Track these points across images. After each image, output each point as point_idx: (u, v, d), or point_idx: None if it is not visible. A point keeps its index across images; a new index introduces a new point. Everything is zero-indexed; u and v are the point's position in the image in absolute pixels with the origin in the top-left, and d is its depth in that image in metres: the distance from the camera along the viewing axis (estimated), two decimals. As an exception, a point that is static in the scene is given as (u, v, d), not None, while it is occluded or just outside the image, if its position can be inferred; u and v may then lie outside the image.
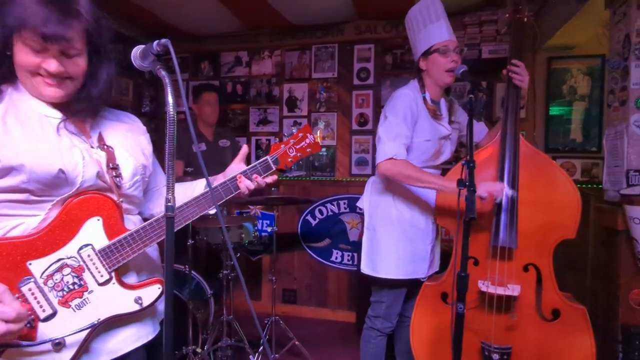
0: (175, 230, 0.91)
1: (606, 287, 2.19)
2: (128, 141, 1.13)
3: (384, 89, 3.49)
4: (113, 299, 1.01)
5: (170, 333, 0.86)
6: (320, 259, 3.64)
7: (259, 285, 3.78)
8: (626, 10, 2.05)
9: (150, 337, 1.12)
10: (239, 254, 2.93)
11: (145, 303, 1.04)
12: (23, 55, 0.93)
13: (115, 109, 1.20)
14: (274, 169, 1.28)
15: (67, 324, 0.96)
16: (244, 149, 1.30)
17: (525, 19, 1.89)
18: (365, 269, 1.99)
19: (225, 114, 3.83)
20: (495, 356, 1.73)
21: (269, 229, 2.90)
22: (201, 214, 1.13)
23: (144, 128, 1.23)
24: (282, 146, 1.32)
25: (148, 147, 1.19)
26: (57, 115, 1.01)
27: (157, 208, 1.26)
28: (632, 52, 2.01)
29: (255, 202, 3.43)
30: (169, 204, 0.87)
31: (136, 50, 1.00)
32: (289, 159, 1.32)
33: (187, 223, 1.10)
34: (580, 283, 2.80)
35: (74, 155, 0.98)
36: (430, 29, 1.87)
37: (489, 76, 3.19)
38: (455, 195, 1.77)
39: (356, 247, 3.52)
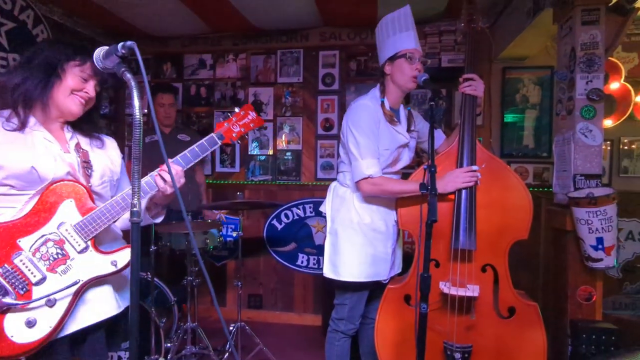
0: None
1: (556, 284, 2.33)
2: (100, 151, 1.39)
3: (349, 94, 3.55)
4: (92, 264, 1.25)
5: (136, 339, 0.86)
6: (286, 263, 3.64)
7: (223, 291, 3.73)
8: (571, 25, 2.20)
9: (113, 313, 1.33)
10: (202, 260, 2.87)
11: (120, 265, 1.27)
12: (76, 81, 1.27)
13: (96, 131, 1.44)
14: (219, 143, 1.44)
15: (57, 286, 1.20)
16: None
17: (479, 29, 1.99)
18: (327, 272, 2.02)
19: (189, 117, 3.76)
20: (457, 355, 1.80)
21: (234, 234, 2.87)
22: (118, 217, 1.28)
23: (117, 146, 1.48)
24: (225, 124, 1.47)
25: (117, 159, 1.45)
26: (41, 129, 1.28)
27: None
28: (577, 65, 2.16)
29: (220, 206, 3.39)
30: (135, 209, 0.86)
31: (99, 52, 0.99)
32: (234, 134, 1.47)
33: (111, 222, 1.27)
34: (532, 281, 2.96)
35: (47, 158, 1.24)
36: (399, 37, 1.94)
37: (448, 84, 3.31)
38: (416, 200, 1.85)
39: (322, 250, 3.52)
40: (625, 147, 3.34)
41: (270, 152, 3.67)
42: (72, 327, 1.23)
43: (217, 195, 3.71)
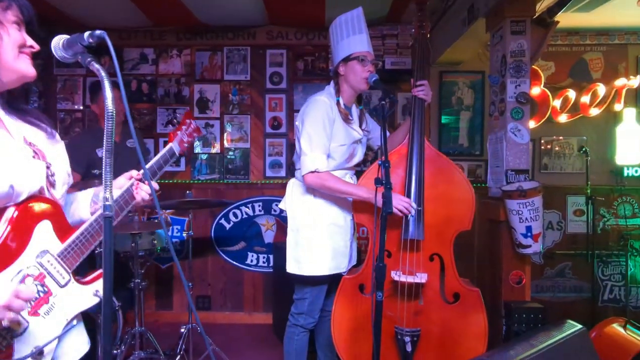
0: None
1: (491, 270, 2.55)
2: (52, 147, 1.08)
3: (297, 93, 3.60)
4: (76, 297, 1.04)
5: (109, 338, 0.84)
6: (235, 263, 3.60)
7: (169, 294, 3.61)
8: (502, 34, 2.43)
9: (87, 347, 1.12)
10: (149, 263, 2.77)
11: (102, 294, 1.05)
12: (15, 33, 0.96)
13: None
14: (177, 155, 1.39)
15: (41, 332, 0.96)
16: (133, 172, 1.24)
17: (428, 35, 2.14)
18: (290, 268, 2.06)
19: (130, 114, 3.58)
20: (407, 338, 1.92)
21: (184, 234, 2.80)
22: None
23: (56, 132, 1.15)
24: (178, 133, 1.43)
25: (64, 153, 1.13)
26: None
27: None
28: (507, 71, 2.39)
29: (166, 206, 3.28)
30: (107, 203, 0.84)
31: (58, 40, 0.95)
32: (185, 145, 1.44)
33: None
34: (468, 269, 3.20)
35: (21, 168, 0.94)
36: (353, 39, 2.01)
37: (391, 86, 3.49)
38: (370, 195, 1.94)
39: (271, 249, 3.56)
40: (545, 146, 3.72)
41: (217, 150, 3.61)
42: None
43: (162, 195, 3.57)
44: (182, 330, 2.59)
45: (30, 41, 1.00)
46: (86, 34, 0.89)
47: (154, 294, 3.56)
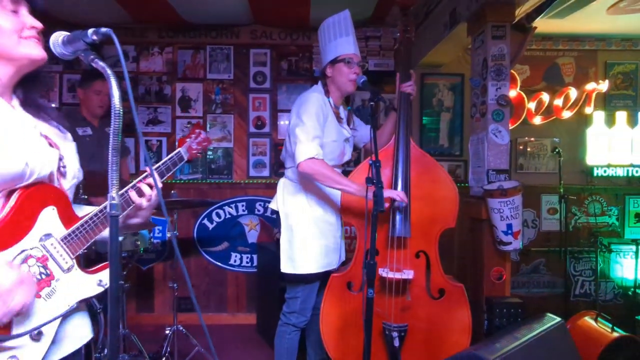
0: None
1: (472, 267, 2.63)
2: (63, 140, 1.09)
3: (280, 93, 3.61)
4: (78, 284, 1.05)
5: (117, 335, 0.84)
6: (218, 264, 3.58)
7: (151, 296, 3.54)
8: (483, 38, 2.51)
9: (90, 335, 1.13)
10: (130, 264, 2.72)
11: (107, 284, 1.08)
12: (4, 21, 0.91)
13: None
14: (185, 159, 1.38)
15: (41, 314, 0.97)
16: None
17: (413, 38, 2.19)
18: (285, 268, 2.05)
19: (109, 112, 3.51)
20: (395, 334, 1.96)
21: (168, 234, 2.76)
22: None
23: (67, 132, 1.15)
24: (187, 140, 1.44)
25: (75, 153, 1.14)
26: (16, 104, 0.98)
27: None
28: (488, 74, 2.47)
29: (147, 206, 3.22)
30: (113, 202, 0.84)
31: (58, 36, 0.93)
32: (193, 152, 1.45)
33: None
34: (449, 266, 3.29)
35: (35, 149, 0.95)
36: (340, 42, 2.05)
37: (373, 87, 3.53)
38: (360, 191, 1.96)
39: (255, 248, 3.56)
40: (520, 147, 3.86)
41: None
42: (53, 358, 1.01)
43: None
44: (167, 332, 2.56)
45: (31, 22, 0.95)
46: (90, 31, 0.89)
47: (134, 296, 3.49)
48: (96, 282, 1.07)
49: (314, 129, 1.93)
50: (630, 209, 3.75)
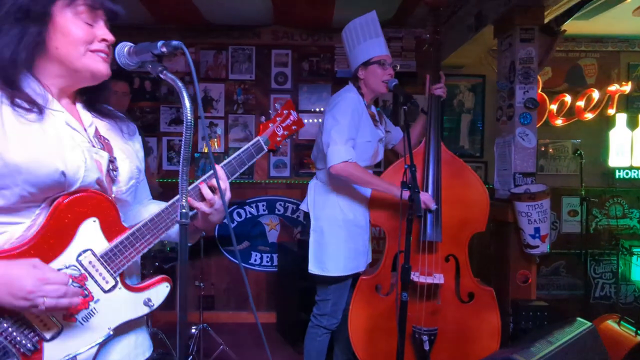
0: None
1: (499, 270, 2.63)
2: (123, 141, 1.04)
3: (302, 94, 3.62)
4: (122, 305, 0.94)
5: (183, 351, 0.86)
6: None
7: (173, 294, 3.58)
8: (511, 41, 2.50)
9: (147, 355, 1.05)
10: (157, 264, 2.75)
11: (155, 304, 1.00)
12: (75, 28, 0.88)
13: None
14: (266, 150, 1.19)
15: (76, 340, 0.88)
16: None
17: (442, 39, 2.19)
18: (313, 269, 2.07)
19: (132, 112, 3.55)
20: (425, 337, 1.97)
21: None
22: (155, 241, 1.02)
23: (136, 128, 1.12)
24: (270, 125, 1.23)
25: (141, 151, 1.10)
26: (59, 108, 0.91)
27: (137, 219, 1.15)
28: (516, 77, 2.46)
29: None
30: (183, 210, 0.86)
31: (122, 47, 0.95)
32: (278, 138, 1.24)
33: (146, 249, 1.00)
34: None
35: (76, 157, 0.88)
36: (371, 43, 2.05)
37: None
38: (387, 196, 1.98)
39: (275, 248, 3.58)
40: (542, 149, 3.84)
41: (221, 149, 3.60)
42: None
43: (164, 195, 3.55)
44: (193, 330, 2.59)
45: (102, 34, 0.91)
46: (160, 43, 0.90)
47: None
48: (143, 301, 0.98)
49: (348, 130, 1.94)
50: (652, 211, 3.72)
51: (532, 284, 2.48)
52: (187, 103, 0.85)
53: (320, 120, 3.30)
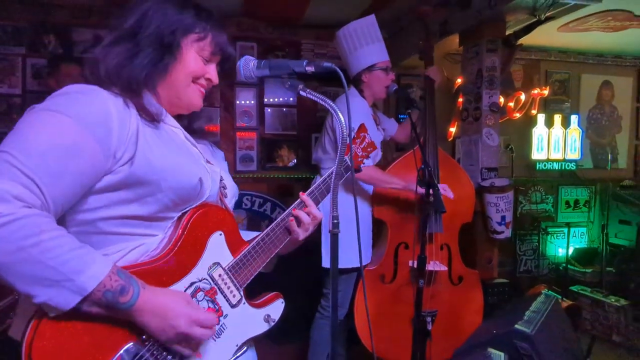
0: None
1: (465, 253, 2.96)
2: (217, 161, 1.08)
3: (268, 87, 3.59)
4: (246, 321, 0.95)
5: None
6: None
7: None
8: (478, 50, 2.80)
9: None
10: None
11: (274, 319, 1.01)
12: (194, 62, 0.94)
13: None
14: (352, 170, 1.18)
15: (211, 357, 0.88)
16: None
17: (434, 45, 2.39)
18: (327, 263, 2.15)
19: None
20: (428, 319, 2.19)
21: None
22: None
23: (223, 154, 1.19)
24: (352, 146, 1.19)
25: (226, 169, 1.14)
26: (175, 124, 0.97)
27: None
28: (483, 83, 2.77)
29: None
30: (335, 221, 0.91)
31: (248, 62, 0.97)
32: (359, 159, 1.24)
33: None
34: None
35: (202, 169, 0.92)
36: (374, 48, 2.15)
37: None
38: (391, 192, 2.13)
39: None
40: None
41: (184, 143, 3.44)
42: None
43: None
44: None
45: (210, 75, 0.98)
46: (305, 61, 0.92)
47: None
48: (263, 317, 0.98)
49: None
50: (562, 197, 4.45)
51: (495, 265, 2.86)
52: (341, 118, 0.89)
53: (319, 120, 3.34)
